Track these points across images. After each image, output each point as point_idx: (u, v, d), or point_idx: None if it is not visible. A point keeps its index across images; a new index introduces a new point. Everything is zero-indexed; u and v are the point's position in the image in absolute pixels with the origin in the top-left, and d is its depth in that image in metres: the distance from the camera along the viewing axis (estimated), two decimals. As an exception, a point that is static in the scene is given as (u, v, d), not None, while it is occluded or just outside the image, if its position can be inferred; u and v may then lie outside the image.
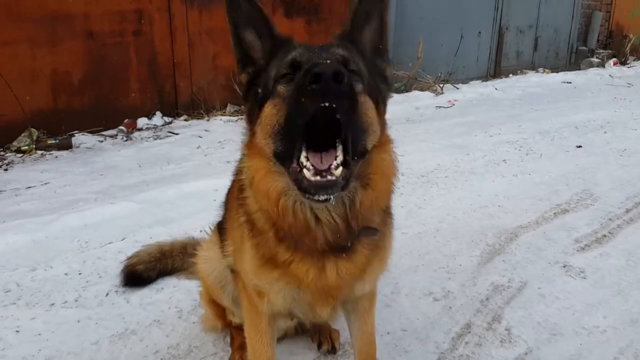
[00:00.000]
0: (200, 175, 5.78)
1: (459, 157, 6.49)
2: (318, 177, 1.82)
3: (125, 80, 8.02)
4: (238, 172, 2.36)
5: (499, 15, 12.98)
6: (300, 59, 1.98)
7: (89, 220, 4.72)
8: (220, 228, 2.88)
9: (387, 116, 2.24)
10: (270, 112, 1.96)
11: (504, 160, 6.44)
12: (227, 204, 2.60)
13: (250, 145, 2.12)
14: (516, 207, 5.10)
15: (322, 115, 1.76)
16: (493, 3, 12.77)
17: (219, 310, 2.97)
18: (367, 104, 2.00)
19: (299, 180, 1.86)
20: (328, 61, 1.74)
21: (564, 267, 4.01)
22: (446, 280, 3.77)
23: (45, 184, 5.73)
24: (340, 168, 1.83)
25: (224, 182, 2.52)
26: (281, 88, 1.96)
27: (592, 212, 5.06)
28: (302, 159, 1.85)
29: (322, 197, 1.84)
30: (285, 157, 1.90)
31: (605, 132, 7.73)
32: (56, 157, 6.67)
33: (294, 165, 1.86)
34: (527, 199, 5.31)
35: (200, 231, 4.40)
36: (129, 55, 8.01)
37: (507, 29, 13.20)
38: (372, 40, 2.25)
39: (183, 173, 6.01)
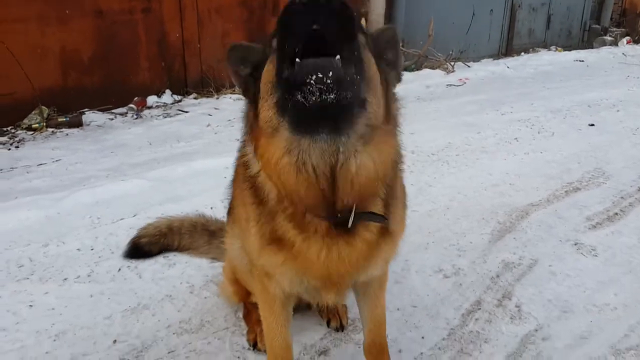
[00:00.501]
0: (211, 153, 5.79)
1: (470, 135, 6.45)
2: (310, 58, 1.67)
3: (134, 58, 8.00)
4: (240, 156, 2.31)
5: (512, -8, 12.82)
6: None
7: (100, 197, 4.74)
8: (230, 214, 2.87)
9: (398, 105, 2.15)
10: (267, 69, 1.89)
11: (515, 139, 6.39)
12: (233, 185, 2.57)
13: (253, 132, 2.05)
14: (527, 185, 5.08)
15: (314, 44, 1.64)
16: (506, -21, 12.61)
17: (239, 288, 2.97)
18: (369, 58, 1.89)
19: (296, 102, 1.71)
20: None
21: (575, 244, 4.00)
22: (456, 258, 3.77)
23: (56, 161, 5.75)
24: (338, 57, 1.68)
25: (234, 159, 2.50)
26: (274, 55, 1.85)
27: (604, 190, 5.04)
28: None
29: (316, 86, 1.67)
30: (285, 108, 1.80)
31: (618, 111, 7.66)
32: (67, 134, 6.69)
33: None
34: (539, 177, 5.28)
35: (212, 208, 4.44)
36: (138, 33, 7.97)
37: (519, 6, 13.01)
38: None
39: (193, 151, 6.02)
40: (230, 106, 7.63)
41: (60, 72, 7.36)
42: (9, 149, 6.13)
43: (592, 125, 6.96)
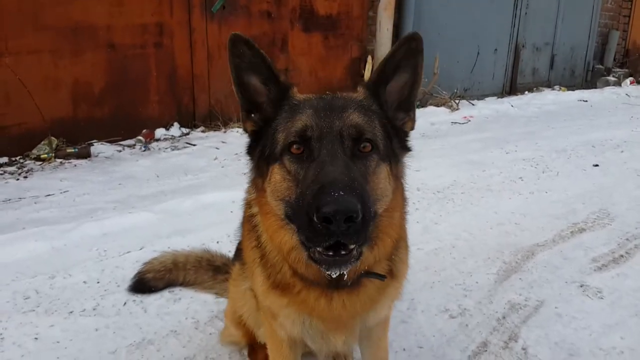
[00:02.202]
0: (218, 187, 5.83)
1: (475, 173, 6.49)
2: (330, 252, 1.80)
3: (144, 91, 8.12)
4: (247, 205, 2.37)
5: (516, 32, 13.00)
6: (310, 132, 1.95)
7: (107, 230, 4.77)
8: (239, 250, 2.88)
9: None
10: (279, 181, 1.97)
11: (520, 178, 6.42)
12: (242, 228, 2.59)
13: (261, 201, 2.12)
14: (533, 225, 5.09)
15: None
16: (510, 20, 12.79)
17: (245, 331, 2.95)
18: (381, 175, 2.00)
19: (309, 249, 1.86)
20: (341, 192, 1.71)
21: (581, 286, 3.99)
22: (462, 298, 3.76)
23: (64, 192, 5.79)
24: (354, 245, 1.82)
25: (241, 194, 2.53)
26: (288, 162, 1.96)
27: (609, 231, 5.04)
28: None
29: (334, 273, 1.88)
30: (294, 222, 1.91)
31: (622, 152, 7.70)
32: (75, 165, 6.75)
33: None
34: (544, 217, 5.29)
35: (218, 242, 4.46)
36: (149, 67, 8.11)
37: (523, 46, 13.20)
38: (399, 93, 2.19)
39: (200, 184, 6.06)
40: (237, 140, 7.71)
41: (71, 104, 7.47)
42: (17, 179, 6.18)
43: (597, 165, 6.99)
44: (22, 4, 6.85)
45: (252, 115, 2.17)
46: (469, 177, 6.35)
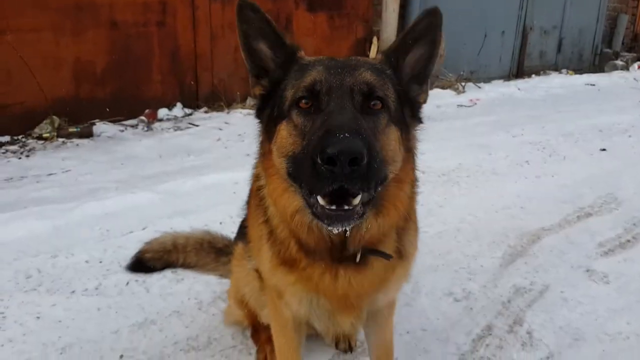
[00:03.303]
0: (220, 168, 5.78)
1: (481, 156, 6.42)
2: (334, 206, 1.77)
3: (147, 70, 8.05)
4: (255, 178, 2.35)
5: (524, 15, 12.83)
6: (319, 86, 1.94)
7: (109, 209, 4.74)
8: (243, 229, 2.85)
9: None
10: (285, 136, 1.95)
11: (526, 162, 6.36)
12: (248, 205, 2.56)
13: (266, 164, 2.10)
14: (539, 209, 5.03)
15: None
16: (518, 2, 12.62)
17: (248, 311, 2.92)
18: (391, 135, 1.97)
19: (312, 205, 1.83)
20: (347, 134, 1.67)
21: (587, 271, 3.95)
22: (467, 281, 3.73)
23: (66, 171, 5.76)
24: (359, 197, 1.78)
25: (244, 175, 2.51)
26: (296, 116, 1.95)
27: (616, 216, 4.99)
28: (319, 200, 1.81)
29: (337, 229, 1.84)
30: (298, 179, 1.88)
31: (630, 136, 7.62)
32: (77, 145, 6.71)
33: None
34: (550, 201, 5.23)
35: (220, 223, 4.43)
36: (151, 46, 8.02)
37: (531, 28, 13.04)
38: (415, 66, 2.18)
39: (203, 165, 6.02)
40: (241, 121, 7.66)
41: (73, 83, 7.41)
42: (20, 158, 6.15)
43: (604, 150, 6.92)
44: (21, -18, 6.75)
45: (261, 80, 2.18)
46: (475, 160, 6.29)
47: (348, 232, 1.97)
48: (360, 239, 2.04)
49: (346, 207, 1.77)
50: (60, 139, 6.85)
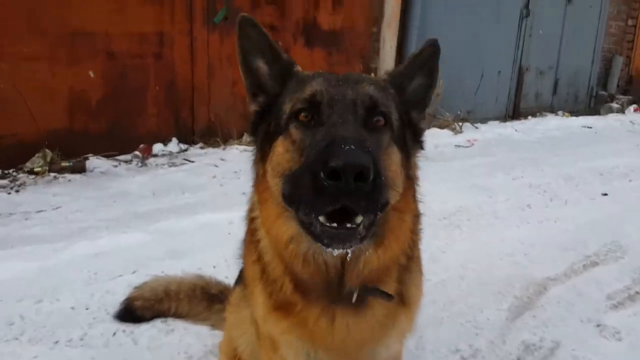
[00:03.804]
0: (216, 206, 5.63)
1: (482, 199, 6.30)
2: (334, 224, 1.63)
3: (143, 103, 7.92)
4: (250, 210, 2.23)
5: (519, 55, 12.87)
6: (320, 97, 1.83)
7: (99, 249, 4.56)
8: (241, 272, 2.69)
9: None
10: (281, 153, 1.82)
11: (528, 205, 6.24)
12: (244, 242, 2.42)
13: (259, 187, 1.98)
14: (543, 257, 4.89)
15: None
16: (514, 41, 12.67)
17: None
18: (392, 156, 1.86)
19: (309, 225, 1.68)
20: (352, 146, 1.55)
21: (598, 326, 3.79)
22: (474, 336, 3.55)
23: (56, 208, 5.58)
24: (361, 217, 1.64)
25: (240, 214, 2.36)
26: (294, 130, 1.83)
27: (622, 266, 4.84)
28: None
29: (337, 250, 1.68)
30: (294, 202, 1.74)
31: (630, 180, 7.53)
32: (69, 180, 6.53)
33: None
34: (554, 248, 5.09)
35: (214, 267, 4.26)
36: (148, 77, 7.91)
37: (527, 69, 13.08)
38: (416, 93, 2.14)
39: (198, 203, 5.86)
40: (237, 157, 7.52)
41: (67, 115, 7.26)
42: (9, 193, 5.97)
43: (606, 194, 6.81)
44: (17, 8, 6.64)
45: (257, 97, 2.10)
46: (475, 202, 6.16)
47: (349, 255, 1.81)
48: (359, 274, 1.89)
49: (348, 225, 1.63)
50: (52, 174, 6.67)
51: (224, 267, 4.21)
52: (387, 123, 1.88)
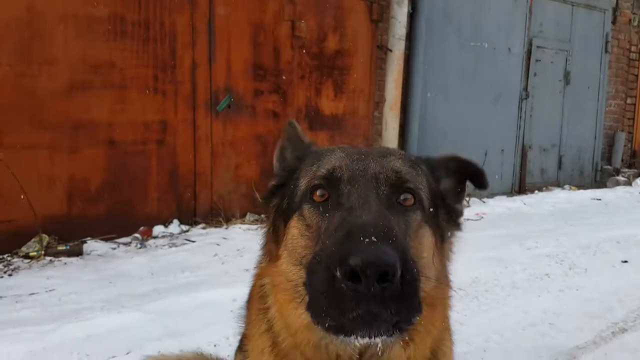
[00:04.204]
0: (217, 284, 5.35)
1: (497, 270, 6.00)
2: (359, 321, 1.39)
3: (144, 188, 7.78)
4: (257, 277, 1.99)
5: (522, 134, 12.88)
6: (339, 173, 1.63)
7: (92, 331, 4.26)
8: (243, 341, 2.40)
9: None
10: (296, 237, 1.62)
11: (546, 275, 5.94)
12: (247, 309, 2.16)
13: (272, 271, 1.75)
14: (569, 325, 4.57)
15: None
16: (515, 122, 12.71)
17: None
18: (424, 240, 1.65)
19: (324, 323, 1.47)
20: (374, 237, 1.33)
21: (639, 395, 3.43)
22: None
23: (49, 290, 5.30)
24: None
25: (242, 291, 2.19)
26: (308, 212, 1.63)
27: None
28: None
29: (362, 339, 1.41)
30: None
31: (649, 248, 7.24)
32: (65, 263, 6.29)
33: None
34: (579, 316, 4.78)
35: (215, 345, 3.96)
36: (150, 164, 7.82)
37: (530, 147, 13.05)
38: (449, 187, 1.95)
39: (198, 282, 5.57)
40: (240, 236, 7.30)
41: (66, 201, 7.10)
42: (1, 277, 5.72)
43: (626, 262, 6.52)
44: (20, 99, 6.65)
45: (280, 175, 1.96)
46: (491, 273, 5.86)
47: (379, 348, 1.56)
48: None
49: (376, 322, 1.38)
50: (48, 258, 6.43)
51: (225, 346, 3.91)
52: (416, 201, 1.68)
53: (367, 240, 1.31)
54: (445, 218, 1.84)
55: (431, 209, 1.72)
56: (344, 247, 1.32)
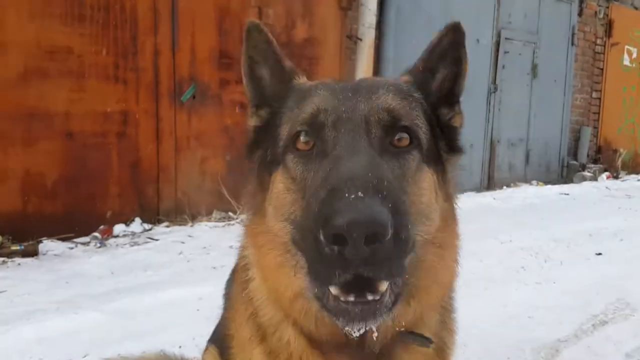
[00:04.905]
0: (182, 283, 5.09)
1: (473, 263, 5.84)
2: (352, 296, 1.22)
3: (103, 184, 7.42)
4: (242, 254, 1.78)
5: (490, 128, 12.88)
6: (324, 117, 1.44)
7: (46, 333, 3.98)
8: (220, 341, 2.17)
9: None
10: (282, 191, 1.44)
11: (522, 268, 5.85)
12: (228, 292, 1.92)
13: (256, 228, 1.56)
14: (548, 318, 4.46)
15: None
16: (484, 115, 12.71)
17: None
18: (423, 183, 1.49)
19: (320, 297, 1.28)
20: (361, 193, 1.15)
21: (626, 387, 3.30)
22: (491, 408, 3.01)
23: (1, 292, 4.96)
24: (386, 283, 1.25)
25: (209, 290, 1.89)
26: (292, 163, 1.45)
27: (634, 323, 4.48)
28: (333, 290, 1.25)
29: (357, 329, 1.28)
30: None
31: (621, 240, 7.23)
32: (19, 264, 5.93)
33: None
34: (559, 309, 4.68)
35: (180, 347, 3.69)
36: (110, 158, 7.46)
37: (498, 142, 13.06)
38: (442, 86, 1.75)
39: (162, 281, 5.29)
40: (206, 234, 7.03)
41: (20, 197, 6.71)
42: (-51, 279, 5.33)
43: (600, 254, 6.47)
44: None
45: (260, 109, 1.73)
46: (467, 267, 5.68)
47: (375, 333, 1.37)
48: (388, 331, 1.49)
49: (370, 298, 1.22)
50: (1, 258, 6.05)
51: (192, 347, 3.66)
52: (413, 140, 1.51)
53: (353, 196, 1.13)
54: (445, 148, 1.68)
55: (429, 144, 1.57)
56: (326, 206, 1.15)
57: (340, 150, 1.34)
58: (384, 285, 1.24)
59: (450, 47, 1.71)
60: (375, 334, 1.40)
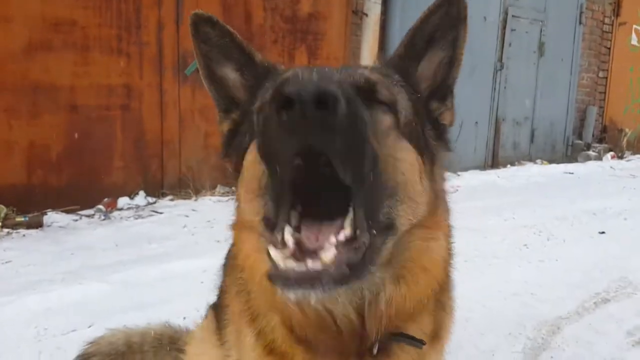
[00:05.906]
0: (186, 255, 5.11)
1: (477, 240, 5.86)
2: (292, 262, 1.16)
3: (108, 157, 7.43)
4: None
5: (496, 106, 12.79)
6: (292, 85, 1.35)
7: (51, 304, 4.01)
8: (217, 309, 2.18)
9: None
10: (252, 162, 1.40)
11: (525, 245, 5.85)
12: (225, 266, 1.92)
13: (237, 219, 1.60)
14: (551, 295, 4.46)
15: (315, 163, 1.13)
16: (489, 93, 12.60)
17: None
18: (401, 153, 1.38)
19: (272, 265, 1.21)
20: (315, 76, 1.15)
21: (624, 364, 3.32)
22: (491, 382, 3.04)
23: (6, 262, 5.00)
24: (333, 251, 1.16)
25: (213, 262, 2.05)
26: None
27: (636, 301, 4.47)
28: (287, 233, 1.20)
29: (294, 295, 1.17)
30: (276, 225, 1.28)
31: (625, 219, 7.21)
32: (23, 235, 5.96)
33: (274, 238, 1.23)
34: (561, 286, 4.68)
35: (184, 318, 3.71)
36: (114, 130, 7.46)
37: (503, 119, 12.98)
38: (432, 76, 1.65)
39: (166, 253, 5.31)
40: (210, 207, 7.03)
41: (25, 169, 6.74)
42: (-45, 249, 5.36)
43: (603, 233, 6.46)
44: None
45: (231, 113, 1.67)
46: (471, 244, 5.70)
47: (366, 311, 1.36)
48: (381, 317, 1.41)
49: (310, 266, 1.15)
50: (6, 230, 6.09)
51: (196, 318, 3.64)
52: (391, 112, 1.43)
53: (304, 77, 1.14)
54: (432, 134, 1.62)
55: (410, 124, 1.48)
56: (278, 85, 1.13)
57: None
58: (328, 255, 1.15)
59: (443, 25, 1.59)
60: (366, 313, 1.39)
